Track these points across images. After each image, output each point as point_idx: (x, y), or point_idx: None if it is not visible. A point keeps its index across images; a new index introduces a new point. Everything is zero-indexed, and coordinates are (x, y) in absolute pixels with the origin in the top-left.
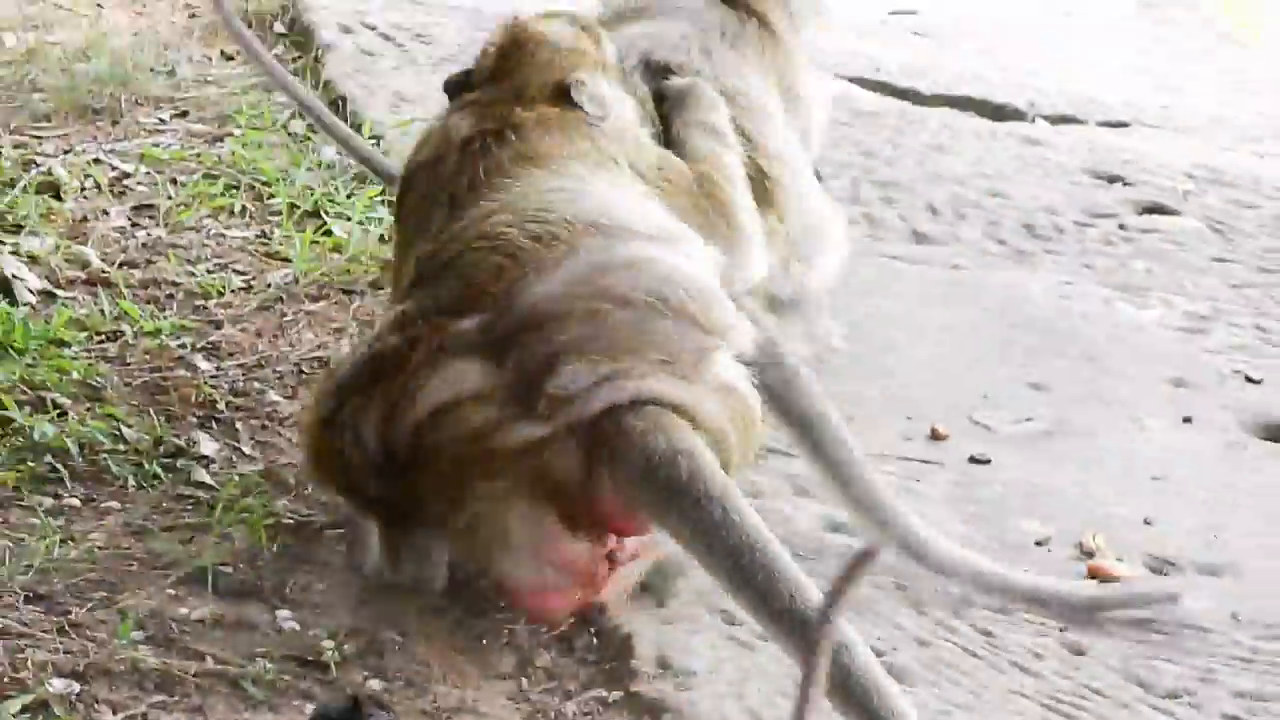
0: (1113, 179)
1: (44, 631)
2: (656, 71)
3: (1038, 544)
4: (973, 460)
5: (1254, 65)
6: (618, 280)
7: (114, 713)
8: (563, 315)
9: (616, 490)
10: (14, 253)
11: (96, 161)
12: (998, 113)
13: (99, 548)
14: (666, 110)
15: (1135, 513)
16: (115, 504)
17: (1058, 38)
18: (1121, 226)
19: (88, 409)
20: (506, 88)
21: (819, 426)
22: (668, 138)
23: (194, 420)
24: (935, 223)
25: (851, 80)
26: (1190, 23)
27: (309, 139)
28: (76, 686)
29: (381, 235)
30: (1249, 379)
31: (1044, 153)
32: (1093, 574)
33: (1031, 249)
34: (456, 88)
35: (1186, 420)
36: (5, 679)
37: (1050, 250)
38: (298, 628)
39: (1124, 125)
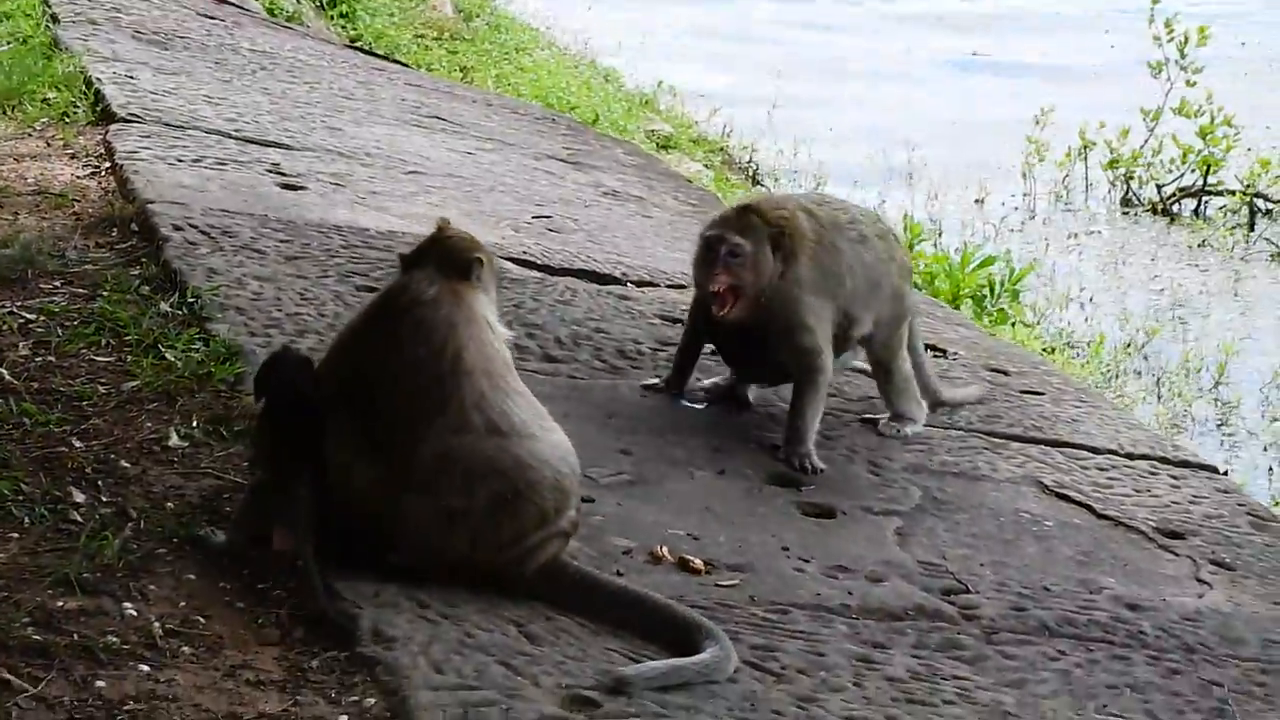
0: (667, 319)
1: None
2: None
3: (624, 553)
4: (584, 500)
5: None
6: None
7: (10, 672)
8: None
9: None
10: None
11: (11, 314)
12: (602, 279)
13: (3, 564)
14: None
15: (687, 532)
16: (16, 535)
17: (637, 233)
18: None
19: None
20: None
21: None
22: None
23: (69, 480)
24: (561, 349)
25: (508, 259)
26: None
27: (153, 298)
28: None
29: (199, 360)
30: (761, 446)
31: (632, 304)
32: (682, 565)
33: (623, 366)
34: None
35: (721, 473)
36: None
37: (635, 366)
38: (135, 614)
39: (681, 288)
